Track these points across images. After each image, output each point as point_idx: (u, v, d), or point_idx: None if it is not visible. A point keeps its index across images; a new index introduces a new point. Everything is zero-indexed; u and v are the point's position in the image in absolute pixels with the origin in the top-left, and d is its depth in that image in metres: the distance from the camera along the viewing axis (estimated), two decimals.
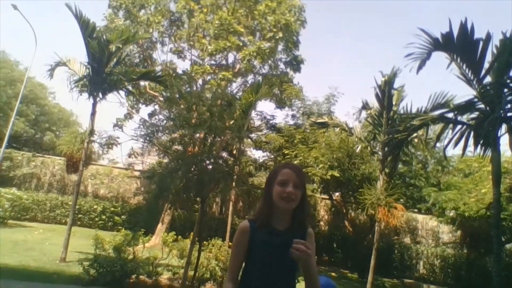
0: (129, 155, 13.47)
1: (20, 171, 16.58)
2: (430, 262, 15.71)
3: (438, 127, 10.06)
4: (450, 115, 8.27)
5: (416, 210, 17.84)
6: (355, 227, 15.10)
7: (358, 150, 11.90)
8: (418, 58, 7.42)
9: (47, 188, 16.83)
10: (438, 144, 10.09)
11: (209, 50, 12.83)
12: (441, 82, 42.68)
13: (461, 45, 7.30)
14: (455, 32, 7.20)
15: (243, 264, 1.90)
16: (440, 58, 7.66)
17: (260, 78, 14.14)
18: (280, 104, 15.02)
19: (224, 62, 14.12)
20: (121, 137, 13.89)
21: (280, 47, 14.14)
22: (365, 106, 11.72)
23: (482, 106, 7.60)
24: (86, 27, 9.49)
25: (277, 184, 1.84)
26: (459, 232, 15.19)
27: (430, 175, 18.79)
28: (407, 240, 16.94)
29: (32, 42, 19.13)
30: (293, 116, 18.02)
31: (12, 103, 20.47)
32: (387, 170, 10.74)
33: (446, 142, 8.06)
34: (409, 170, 18.19)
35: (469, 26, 7.05)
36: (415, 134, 9.66)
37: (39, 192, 16.03)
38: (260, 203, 2.01)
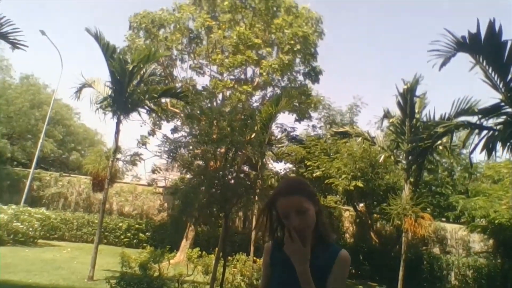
0: (153, 171, 13.69)
1: (49, 191, 17.00)
2: (462, 273, 15.13)
3: (463, 133, 9.82)
4: (475, 120, 8.04)
5: (444, 219, 17.33)
6: (382, 238, 14.77)
7: (381, 159, 11.67)
8: (442, 56, 7.20)
9: (74, 207, 17.14)
10: (464, 151, 9.84)
11: (227, 65, 12.99)
12: (464, 89, 41.79)
13: (487, 47, 7.00)
14: (482, 34, 6.97)
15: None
16: (463, 63, 7.48)
17: (279, 91, 14.23)
18: (301, 115, 15.03)
19: (243, 76, 14.28)
20: (145, 154, 14.18)
21: (298, 59, 14.23)
22: (387, 115, 11.56)
23: (509, 110, 7.37)
24: (107, 49, 9.75)
25: (282, 218, 1.69)
26: (491, 241, 14.65)
27: (457, 182, 18.34)
28: (436, 250, 16.40)
29: (58, 65, 19.79)
30: (313, 126, 17.98)
31: (39, 125, 21.13)
32: (412, 179, 10.52)
33: (471, 148, 7.82)
34: (435, 178, 17.81)
35: (497, 27, 6.81)
36: (439, 142, 9.45)
37: (66, 211, 16.31)
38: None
